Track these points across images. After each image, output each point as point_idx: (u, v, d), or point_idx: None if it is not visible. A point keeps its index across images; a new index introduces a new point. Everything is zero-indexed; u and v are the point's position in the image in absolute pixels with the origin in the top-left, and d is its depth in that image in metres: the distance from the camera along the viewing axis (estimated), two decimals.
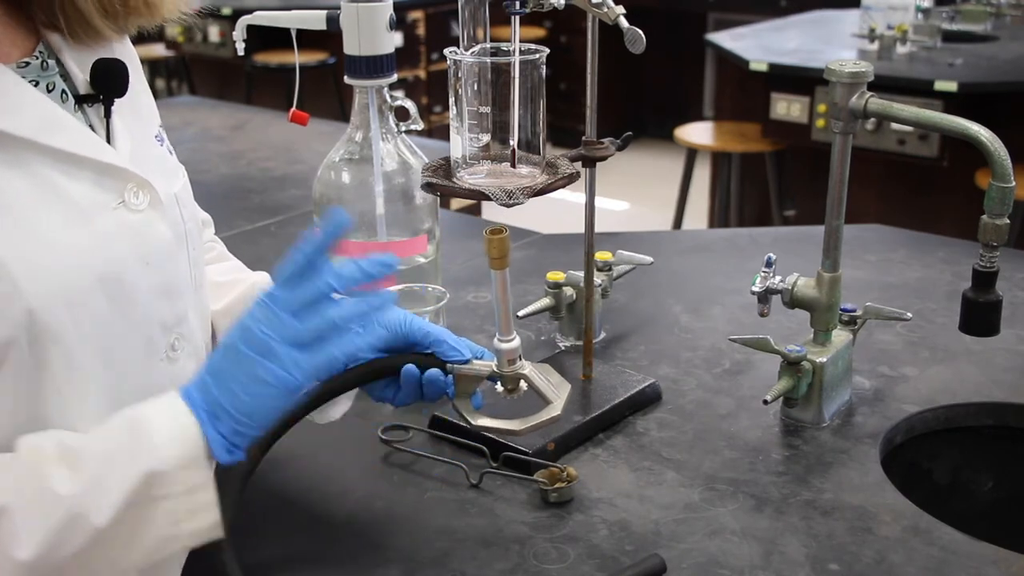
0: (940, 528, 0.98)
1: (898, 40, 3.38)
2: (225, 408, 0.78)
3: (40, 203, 0.76)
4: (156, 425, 0.76)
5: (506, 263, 0.85)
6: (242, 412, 0.78)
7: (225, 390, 0.78)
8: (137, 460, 0.74)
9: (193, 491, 0.76)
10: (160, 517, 0.75)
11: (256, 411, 0.78)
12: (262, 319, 0.79)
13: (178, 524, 0.76)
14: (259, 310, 0.80)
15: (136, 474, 0.74)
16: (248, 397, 0.78)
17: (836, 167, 1.10)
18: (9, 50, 0.79)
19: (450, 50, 1.02)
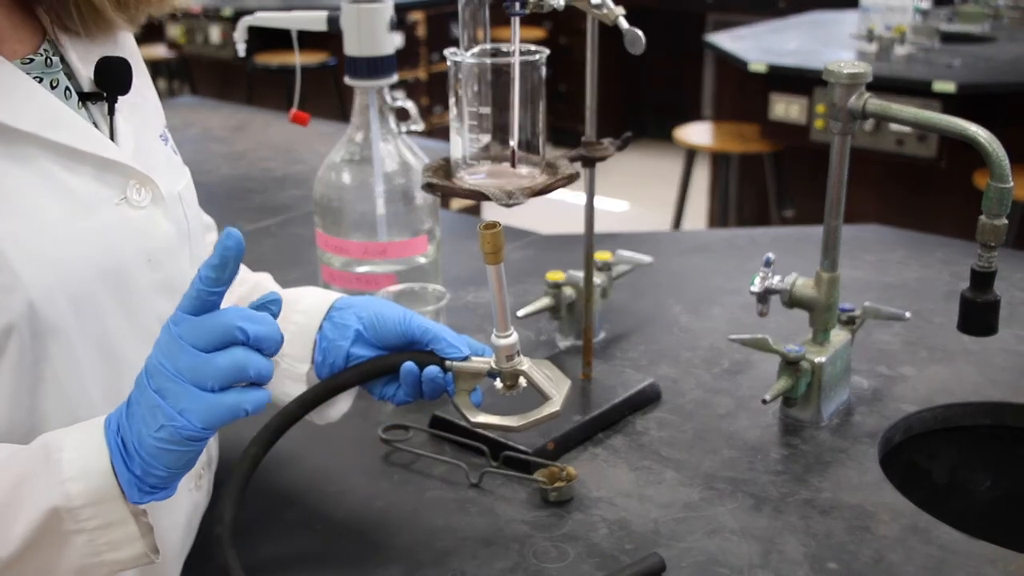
0: (938, 527, 0.98)
1: (896, 41, 3.39)
2: (134, 447, 0.72)
3: (42, 197, 0.76)
4: (68, 457, 0.72)
5: (500, 258, 0.85)
6: (148, 454, 0.71)
7: (133, 428, 0.72)
8: (46, 494, 0.71)
9: (110, 526, 0.72)
10: (76, 548, 0.72)
11: (159, 455, 0.71)
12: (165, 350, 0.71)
13: (99, 555, 0.73)
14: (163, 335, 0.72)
15: (43, 508, 0.71)
16: (152, 440, 0.71)
17: (835, 167, 1.10)
18: (15, 46, 0.80)
19: (450, 51, 1.02)
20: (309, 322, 0.98)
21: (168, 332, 0.71)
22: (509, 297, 0.88)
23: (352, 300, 1.00)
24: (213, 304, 0.71)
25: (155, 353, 0.72)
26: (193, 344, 0.70)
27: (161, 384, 0.70)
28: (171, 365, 0.70)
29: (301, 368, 0.98)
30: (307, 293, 1.02)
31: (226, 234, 0.70)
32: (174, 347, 0.70)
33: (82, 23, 0.82)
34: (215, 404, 0.70)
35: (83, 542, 0.72)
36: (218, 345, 0.71)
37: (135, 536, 0.74)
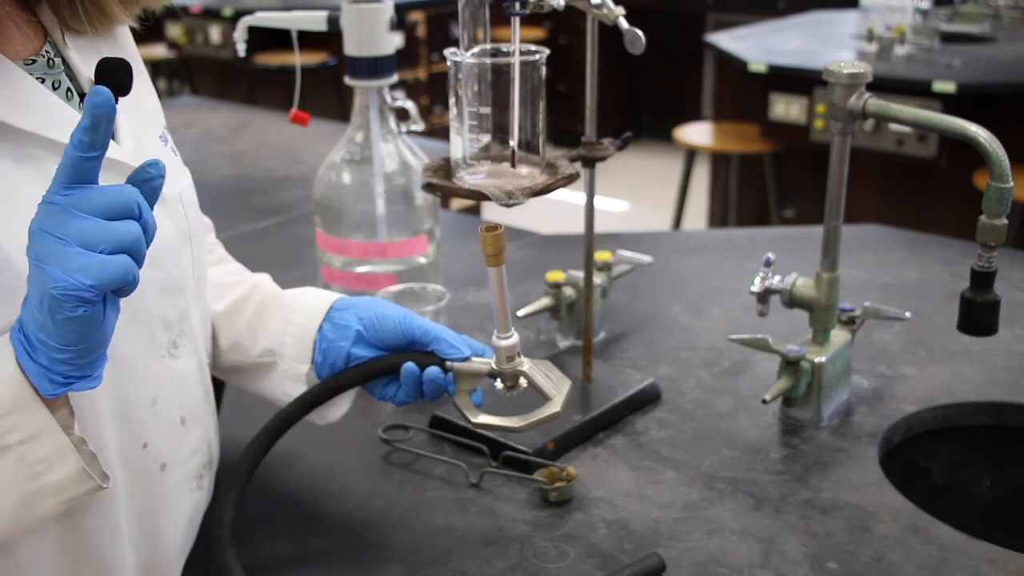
0: (938, 527, 0.98)
1: (896, 41, 3.39)
2: (32, 333, 0.68)
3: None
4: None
5: (502, 260, 0.85)
6: (45, 334, 0.68)
7: (26, 314, 0.69)
8: None
9: (34, 437, 0.70)
10: (9, 470, 0.70)
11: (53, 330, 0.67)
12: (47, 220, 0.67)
13: (36, 478, 0.71)
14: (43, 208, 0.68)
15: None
16: (42, 315, 0.67)
17: (835, 167, 1.10)
18: (17, 48, 0.80)
19: (450, 51, 1.02)
20: (309, 323, 0.98)
21: (53, 202, 0.67)
22: (510, 298, 0.88)
23: (352, 301, 1.00)
24: (92, 171, 0.68)
25: (34, 225, 0.68)
26: (88, 212, 0.67)
27: (43, 251, 0.67)
28: (57, 231, 0.67)
29: (301, 368, 0.98)
30: (307, 294, 1.02)
31: (94, 91, 0.67)
32: (60, 215, 0.67)
33: (88, 20, 0.83)
34: (105, 263, 0.67)
35: (13, 462, 0.70)
36: (115, 216, 0.68)
37: (67, 448, 0.71)
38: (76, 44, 0.85)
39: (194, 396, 0.91)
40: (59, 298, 0.66)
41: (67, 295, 0.66)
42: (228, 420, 1.09)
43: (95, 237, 0.67)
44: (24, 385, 0.70)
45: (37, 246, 0.67)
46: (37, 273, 0.67)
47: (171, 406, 0.87)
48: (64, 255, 0.66)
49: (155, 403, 0.85)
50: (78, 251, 0.66)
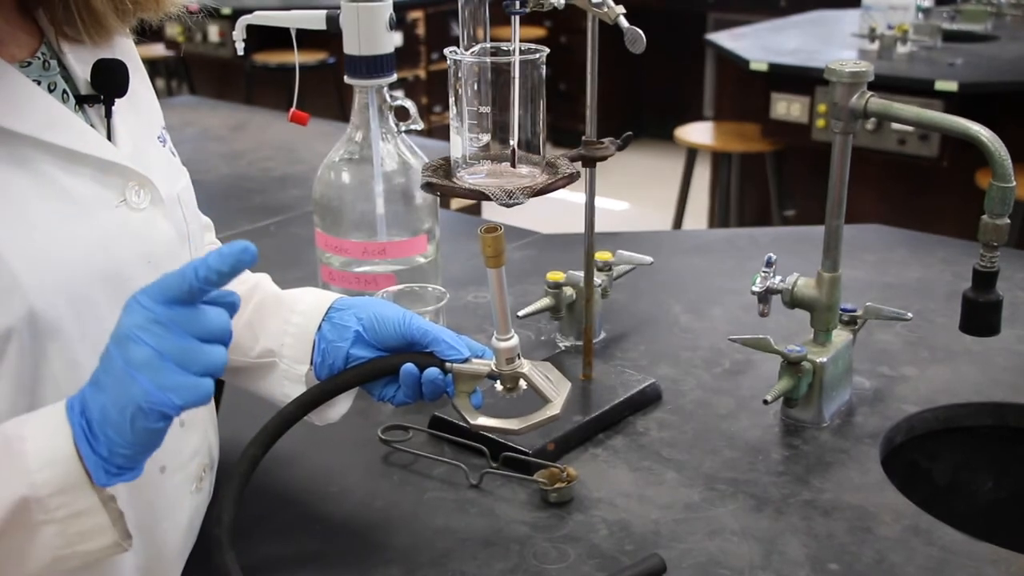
0: (940, 528, 0.98)
1: (898, 40, 3.38)
2: (99, 426, 0.71)
3: (42, 199, 0.76)
4: (31, 447, 0.71)
5: (502, 261, 0.85)
6: (115, 432, 0.70)
7: (98, 407, 0.71)
8: (11, 484, 0.70)
9: (79, 515, 0.72)
10: (47, 539, 0.72)
11: (126, 433, 0.70)
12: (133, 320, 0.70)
13: (71, 546, 0.73)
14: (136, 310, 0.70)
15: (11, 499, 0.70)
16: (120, 417, 0.70)
17: (836, 167, 1.10)
18: (13, 50, 0.80)
19: (450, 50, 1.02)
20: (308, 323, 0.98)
21: (154, 313, 0.70)
22: (509, 298, 0.88)
23: (351, 301, 1.00)
24: (200, 297, 0.71)
25: (131, 330, 0.70)
26: (188, 332, 0.70)
27: (139, 360, 0.69)
28: (157, 345, 0.69)
29: (300, 369, 0.97)
30: (306, 294, 1.02)
31: (243, 248, 0.70)
32: (161, 329, 0.70)
33: (85, 31, 0.82)
34: (197, 386, 0.70)
35: (53, 532, 0.72)
36: (210, 340, 0.71)
37: (106, 526, 0.73)
38: (72, 46, 0.84)
39: None
40: (146, 411, 0.69)
41: (155, 410, 0.69)
42: (228, 421, 1.09)
43: (192, 359, 0.70)
44: (78, 468, 0.71)
45: (132, 352, 0.69)
46: (126, 379, 0.69)
47: None
48: (160, 370, 0.69)
49: None
50: (173, 368, 0.69)
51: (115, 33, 0.86)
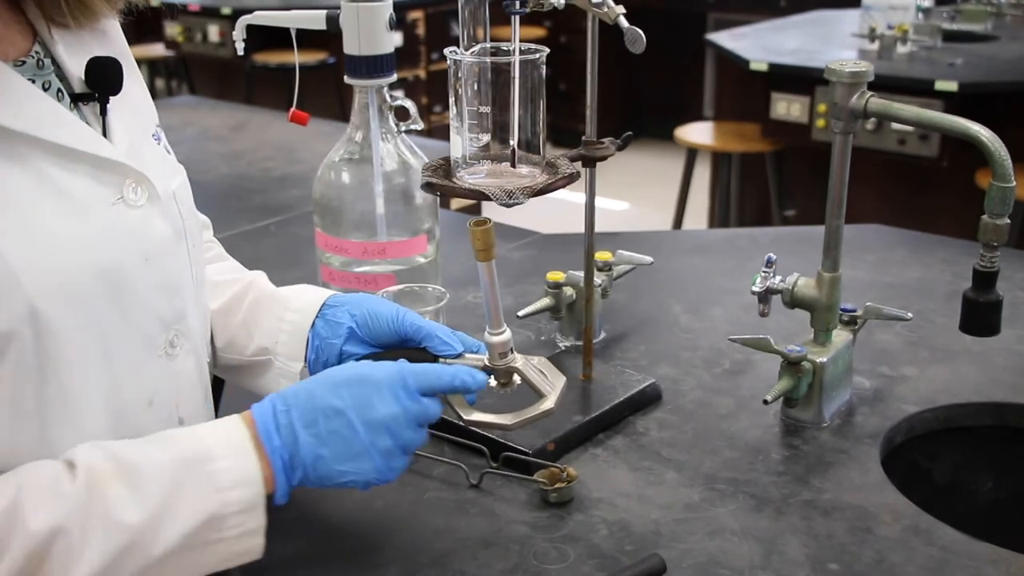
0: (940, 528, 0.98)
1: (898, 40, 3.38)
2: (306, 466, 0.80)
3: (39, 197, 0.76)
4: (222, 465, 0.77)
5: (492, 255, 0.85)
6: (320, 475, 0.81)
7: (314, 452, 0.80)
8: (202, 500, 0.76)
9: (246, 535, 0.78)
10: (211, 556, 0.77)
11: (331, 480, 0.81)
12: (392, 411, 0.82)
13: (223, 563, 0.78)
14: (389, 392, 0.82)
15: (200, 513, 0.76)
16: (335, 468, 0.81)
17: (836, 167, 1.10)
18: (6, 49, 0.80)
19: (450, 50, 1.02)
20: (303, 320, 0.98)
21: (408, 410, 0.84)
22: (503, 294, 0.88)
23: (345, 298, 1.00)
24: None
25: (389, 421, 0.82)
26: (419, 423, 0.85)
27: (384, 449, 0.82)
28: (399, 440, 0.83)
29: (295, 367, 0.97)
30: (301, 291, 1.02)
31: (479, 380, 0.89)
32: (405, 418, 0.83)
33: (70, 14, 0.82)
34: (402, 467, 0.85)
35: (218, 551, 0.77)
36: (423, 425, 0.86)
37: (259, 548, 0.80)
38: (66, 43, 0.84)
39: (193, 396, 0.91)
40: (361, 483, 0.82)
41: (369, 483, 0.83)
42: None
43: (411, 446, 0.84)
44: (262, 490, 0.79)
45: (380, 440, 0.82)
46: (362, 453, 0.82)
47: (168, 406, 0.87)
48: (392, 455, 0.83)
49: (151, 403, 0.84)
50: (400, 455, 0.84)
51: (102, 16, 0.86)
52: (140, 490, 0.74)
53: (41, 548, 0.71)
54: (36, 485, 0.73)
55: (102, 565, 0.72)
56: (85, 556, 0.71)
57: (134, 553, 0.73)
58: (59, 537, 0.71)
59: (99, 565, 0.72)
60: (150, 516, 0.74)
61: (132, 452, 0.77)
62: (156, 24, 5.43)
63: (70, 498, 0.72)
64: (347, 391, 0.82)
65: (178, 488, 0.75)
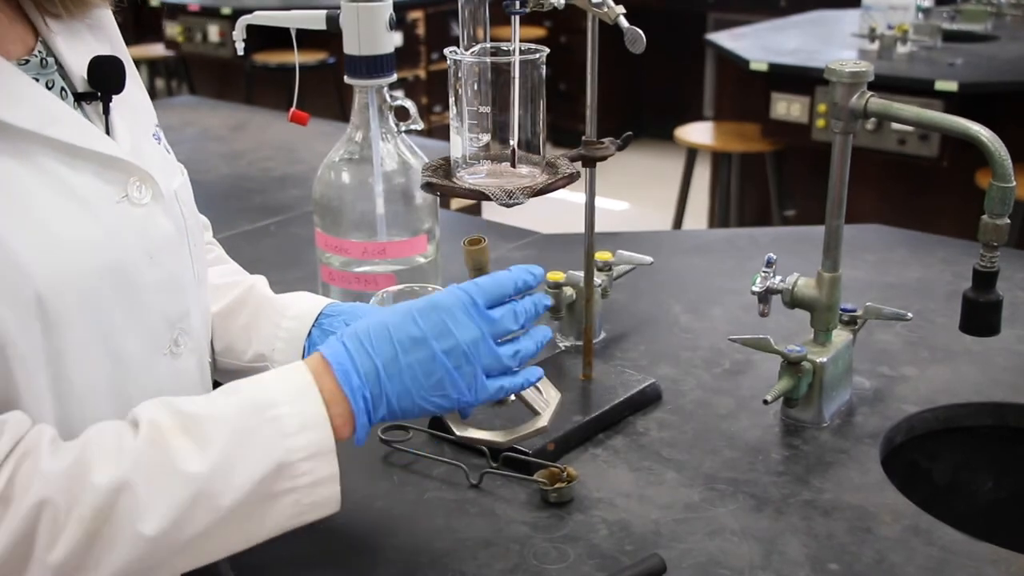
0: (940, 528, 0.98)
1: (898, 40, 3.38)
2: (390, 401, 0.79)
3: (45, 194, 0.76)
4: (285, 411, 0.76)
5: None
6: (403, 409, 0.80)
7: (399, 385, 0.79)
8: (267, 448, 0.74)
9: (319, 484, 0.76)
10: (284, 509, 0.76)
11: (414, 411, 0.80)
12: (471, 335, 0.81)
13: (300, 516, 0.77)
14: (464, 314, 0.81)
15: (266, 462, 0.74)
16: (419, 400, 0.80)
17: (836, 167, 1.10)
18: (9, 47, 0.80)
19: (450, 50, 1.02)
20: (299, 328, 0.98)
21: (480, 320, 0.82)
22: None
23: (341, 307, 1.00)
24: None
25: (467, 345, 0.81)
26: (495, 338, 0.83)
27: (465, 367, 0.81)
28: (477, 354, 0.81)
29: None
30: (298, 299, 1.02)
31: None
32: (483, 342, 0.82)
33: (61, 3, 0.83)
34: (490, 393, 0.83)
35: (291, 502, 0.75)
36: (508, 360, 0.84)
37: (336, 497, 0.78)
38: (67, 42, 0.84)
39: (195, 395, 0.91)
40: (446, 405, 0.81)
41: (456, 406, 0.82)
42: None
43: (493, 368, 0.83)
44: (330, 434, 0.77)
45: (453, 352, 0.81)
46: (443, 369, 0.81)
47: None
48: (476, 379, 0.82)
49: None
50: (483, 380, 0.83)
51: (93, 5, 0.86)
52: (203, 440, 0.73)
53: (107, 502, 0.70)
54: (100, 442, 0.73)
55: (171, 517, 0.71)
56: (151, 509, 0.71)
57: (202, 504, 0.72)
58: (124, 491, 0.70)
59: (167, 517, 0.71)
60: (215, 465, 0.73)
61: (196, 405, 0.76)
62: (156, 24, 5.43)
63: (133, 452, 0.72)
64: (422, 320, 0.81)
65: (242, 436, 0.74)
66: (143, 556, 0.71)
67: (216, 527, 0.73)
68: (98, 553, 0.70)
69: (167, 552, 0.72)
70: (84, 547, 0.70)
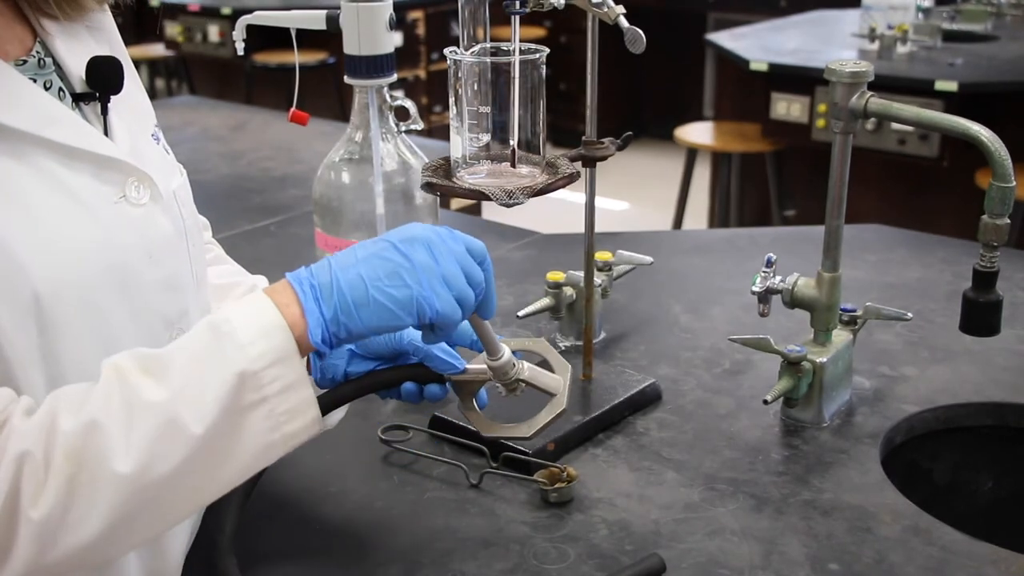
0: (940, 528, 0.98)
1: (898, 40, 3.38)
2: (341, 289, 0.76)
3: (43, 195, 0.76)
4: (239, 323, 0.74)
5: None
6: (356, 300, 0.76)
7: (351, 272, 0.76)
8: (226, 362, 0.72)
9: (288, 389, 0.74)
10: (258, 422, 0.73)
11: (370, 308, 0.76)
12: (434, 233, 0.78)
13: (278, 428, 0.74)
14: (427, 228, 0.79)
15: (227, 377, 0.72)
16: (373, 290, 0.76)
17: (836, 167, 1.10)
18: (7, 48, 0.80)
19: (450, 50, 1.02)
20: None
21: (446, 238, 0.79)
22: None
23: None
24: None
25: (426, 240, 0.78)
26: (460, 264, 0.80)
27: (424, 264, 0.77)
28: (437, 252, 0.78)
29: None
30: None
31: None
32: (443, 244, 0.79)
33: (56, 5, 0.83)
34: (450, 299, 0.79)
35: (263, 415, 0.73)
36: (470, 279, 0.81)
37: (310, 400, 0.75)
38: (66, 43, 0.84)
39: None
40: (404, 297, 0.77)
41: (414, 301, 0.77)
42: None
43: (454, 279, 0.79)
44: (289, 337, 0.74)
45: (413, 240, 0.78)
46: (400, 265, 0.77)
47: None
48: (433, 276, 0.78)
49: None
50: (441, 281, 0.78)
51: (88, 8, 0.86)
52: (163, 371, 0.72)
53: (77, 445, 0.69)
54: (67, 395, 0.72)
55: (143, 450, 0.70)
56: (122, 445, 0.69)
57: (174, 433, 0.70)
58: (92, 431, 0.69)
59: (140, 450, 0.69)
60: (176, 390, 0.71)
61: (157, 350, 0.75)
62: (156, 24, 5.43)
63: (96, 395, 0.71)
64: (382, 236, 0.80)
65: (199, 358, 0.73)
66: (126, 499, 0.70)
67: (195, 455, 0.71)
68: (81, 503, 0.69)
69: (152, 491, 0.71)
70: (66, 495, 0.69)
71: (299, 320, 0.75)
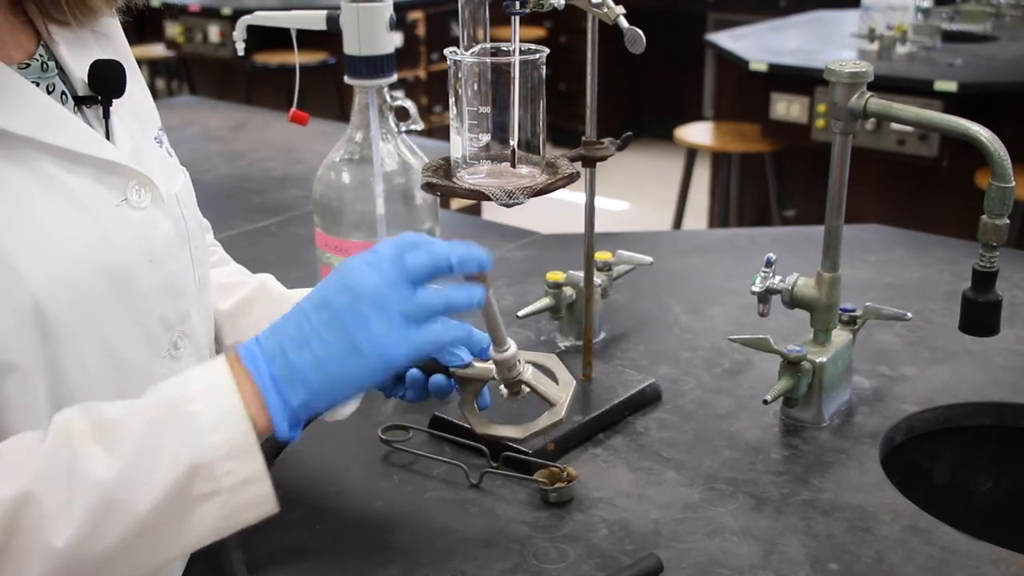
0: (939, 528, 0.98)
1: (898, 40, 3.38)
2: (304, 376, 0.71)
3: (44, 198, 0.76)
4: (200, 405, 0.70)
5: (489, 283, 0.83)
6: (324, 382, 0.72)
7: (306, 354, 0.72)
8: (182, 446, 0.69)
9: (245, 483, 0.71)
10: (210, 512, 0.70)
11: (337, 384, 0.72)
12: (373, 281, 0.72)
13: (233, 517, 0.71)
14: (364, 266, 0.73)
15: (181, 461, 0.68)
16: (337, 367, 0.71)
17: (836, 167, 1.10)
18: (10, 52, 0.80)
19: (450, 50, 1.02)
20: None
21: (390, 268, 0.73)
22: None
23: None
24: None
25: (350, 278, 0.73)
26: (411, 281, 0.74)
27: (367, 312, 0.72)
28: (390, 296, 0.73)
29: None
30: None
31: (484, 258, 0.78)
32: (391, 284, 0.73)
33: (69, 11, 0.83)
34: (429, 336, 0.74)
35: (216, 506, 0.70)
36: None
37: (269, 495, 0.72)
38: (69, 46, 0.84)
39: None
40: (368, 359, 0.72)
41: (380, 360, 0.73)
42: None
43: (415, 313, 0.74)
44: (249, 428, 0.71)
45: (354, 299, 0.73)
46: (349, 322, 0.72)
47: None
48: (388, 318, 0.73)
49: None
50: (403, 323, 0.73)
51: (101, 14, 0.86)
52: (114, 444, 0.68)
53: (10, 515, 0.66)
54: (9, 454, 0.69)
55: (81, 527, 0.66)
56: (59, 520, 0.66)
57: (116, 511, 0.67)
58: (26, 503, 0.66)
59: (78, 527, 0.66)
60: (125, 469, 0.67)
61: (115, 408, 0.71)
62: (156, 24, 5.43)
63: (37, 463, 0.67)
64: (323, 285, 0.74)
65: (154, 437, 0.69)
66: (60, 570, 0.67)
67: (136, 536, 0.68)
68: (13, 569, 0.66)
69: (88, 566, 0.68)
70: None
71: (262, 413, 0.72)
